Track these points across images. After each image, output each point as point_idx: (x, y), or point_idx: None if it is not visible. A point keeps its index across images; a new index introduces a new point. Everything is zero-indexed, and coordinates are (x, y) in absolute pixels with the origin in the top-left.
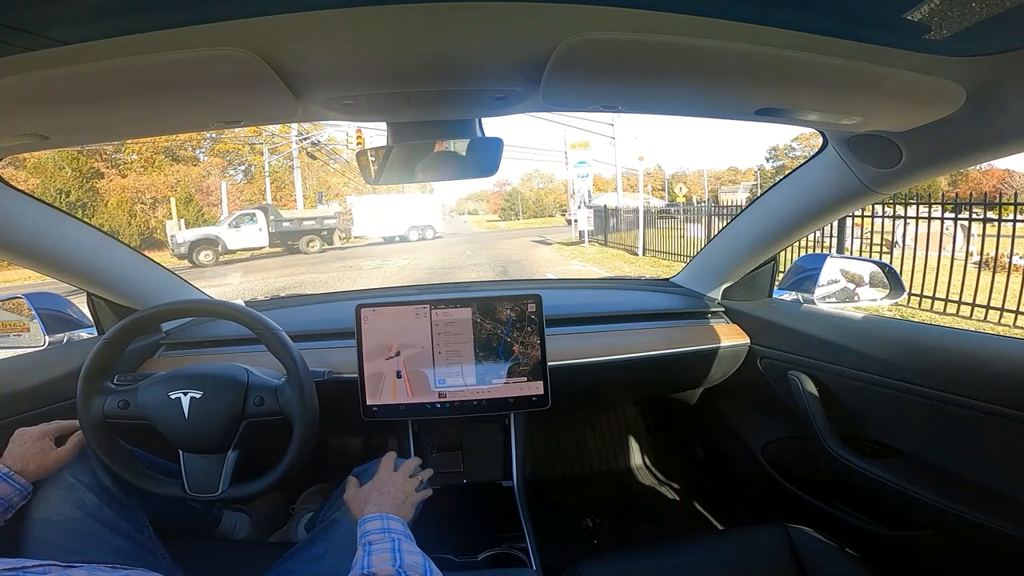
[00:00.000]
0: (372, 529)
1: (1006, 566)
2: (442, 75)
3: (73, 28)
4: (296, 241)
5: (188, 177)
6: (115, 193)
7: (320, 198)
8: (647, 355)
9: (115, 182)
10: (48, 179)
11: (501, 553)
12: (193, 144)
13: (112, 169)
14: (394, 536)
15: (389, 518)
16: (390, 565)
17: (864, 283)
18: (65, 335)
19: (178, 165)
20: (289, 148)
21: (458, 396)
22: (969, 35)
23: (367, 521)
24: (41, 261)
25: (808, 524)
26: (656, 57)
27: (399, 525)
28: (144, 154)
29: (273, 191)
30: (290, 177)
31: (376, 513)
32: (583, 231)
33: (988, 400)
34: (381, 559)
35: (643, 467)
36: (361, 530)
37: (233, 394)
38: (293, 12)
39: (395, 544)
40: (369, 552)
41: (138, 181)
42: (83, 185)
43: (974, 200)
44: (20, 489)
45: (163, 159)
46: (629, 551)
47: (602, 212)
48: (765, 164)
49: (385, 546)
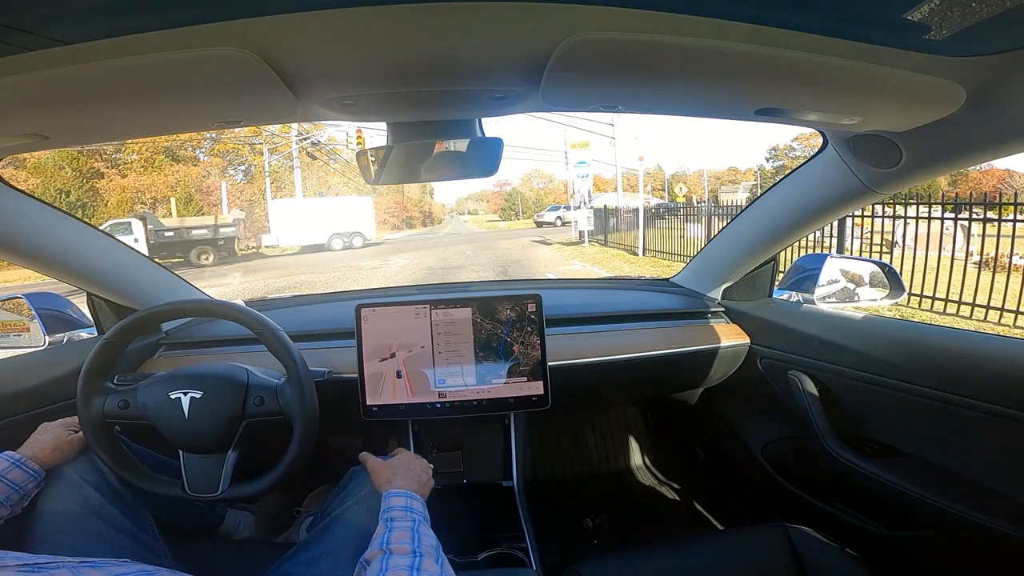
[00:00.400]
0: (396, 506)
1: (1006, 566)
2: (442, 75)
3: (73, 28)
4: (186, 253)
5: (188, 177)
6: (115, 193)
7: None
8: (647, 355)
9: (115, 182)
10: (48, 179)
11: (501, 553)
12: (193, 144)
13: (112, 169)
14: (415, 516)
15: (413, 497)
16: (407, 544)
17: (864, 283)
18: (65, 335)
19: (178, 165)
20: (289, 148)
21: (458, 396)
22: (969, 35)
23: (392, 496)
24: (41, 261)
25: (808, 524)
26: (656, 57)
27: (421, 506)
28: (144, 154)
29: (274, 191)
30: (290, 177)
31: (402, 490)
32: (583, 231)
33: (988, 400)
34: (400, 536)
35: (643, 467)
36: (385, 504)
37: (233, 394)
38: (293, 12)
39: (415, 524)
40: (390, 528)
41: (138, 181)
42: (83, 185)
43: (974, 200)
44: (33, 475)
45: (163, 159)
46: (629, 551)
47: (602, 212)
48: (765, 164)
49: (406, 524)
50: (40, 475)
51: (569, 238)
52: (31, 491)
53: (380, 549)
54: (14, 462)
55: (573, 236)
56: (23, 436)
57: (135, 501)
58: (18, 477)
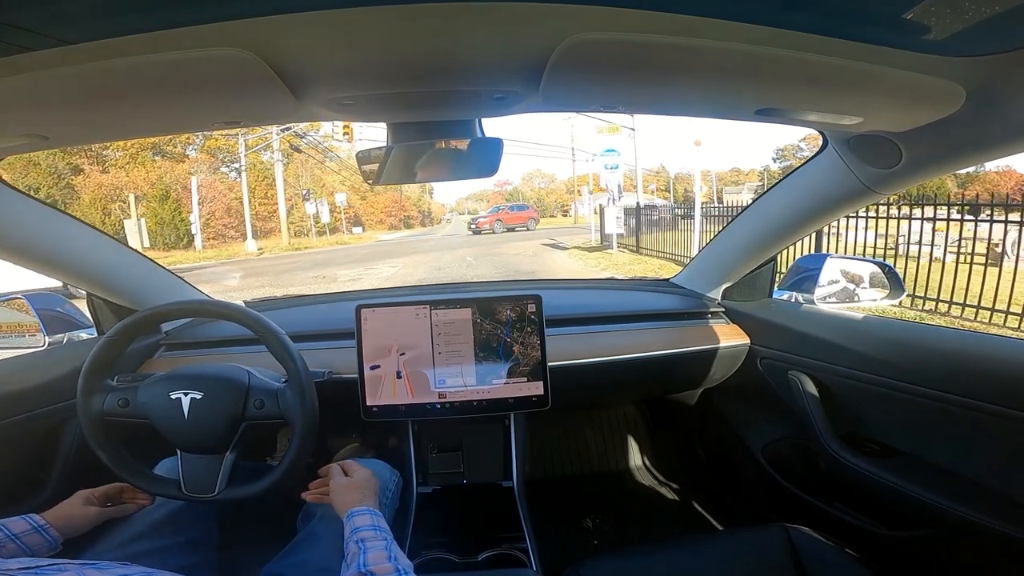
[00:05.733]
0: (363, 525)
1: (1006, 566)
2: (442, 75)
3: (73, 28)
4: None
5: (172, 173)
6: (90, 190)
7: (307, 195)
8: (647, 355)
9: (92, 178)
10: (18, 175)
11: (501, 554)
12: (184, 141)
13: (95, 166)
14: (385, 535)
15: (376, 514)
16: (388, 563)
17: (864, 283)
18: (65, 335)
19: (161, 161)
20: (270, 140)
21: (458, 396)
22: (969, 35)
23: (356, 515)
24: (42, 261)
25: (808, 524)
26: (656, 58)
27: (386, 523)
28: (130, 150)
29: (263, 189)
30: (283, 175)
31: (363, 507)
32: (611, 234)
33: (988, 400)
34: (377, 557)
35: (643, 467)
36: (350, 525)
37: (234, 396)
38: (293, 12)
39: (388, 543)
40: (364, 550)
41: (116, 178)
42: (59, 182)
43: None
44: (50, 542)
45: (148, 155)
46: (629, 551)
47: (635, 210)
48: (772, 165)
49: (379, 544)
50: (56, 543)
51: (587, 241)
52: (42, 556)
53: (360, 572)
54: (36, 527)
55: (592, 239)
56: (23, 436)
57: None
58: (34, 541)
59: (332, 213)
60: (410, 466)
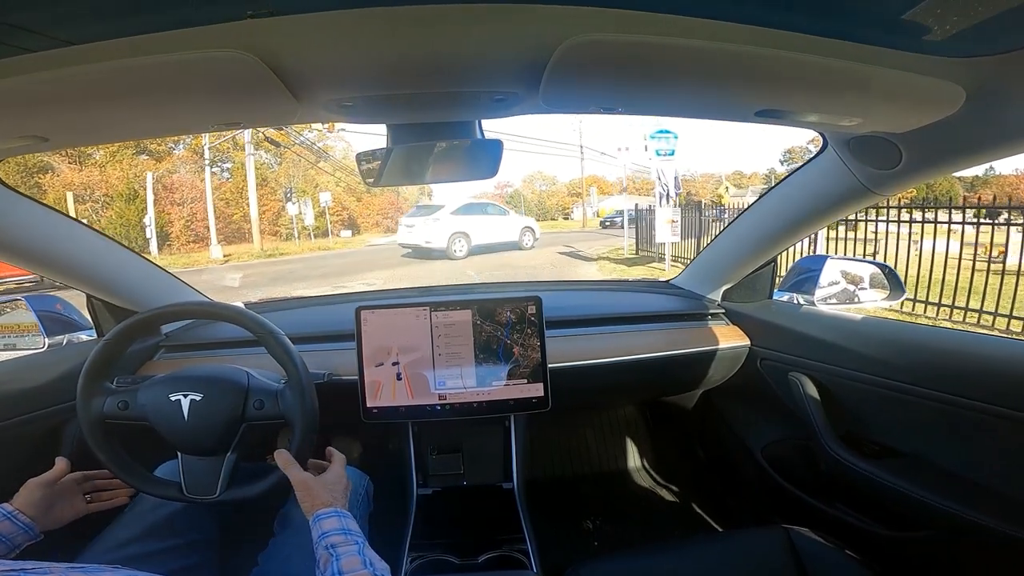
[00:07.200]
0: (330, 529)
1: (1006, 566)
2: (442, 77)
3: (74, 29)
4: None
5: (151, 171)
6: (56, 189)
7: (288, 195)
8: (647, 357)
9: (62, 177)
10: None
11: (501, 555)
12: (171, 138)
13: (74, 164)
14: (357, 539)
15: (345, 515)
16: (364, 569)
17: (864, 284)
18: (65, 337)
19: (141, 158)
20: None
21: (458, 398)
22: (969, 36)
23: (323, 518)
24: (41, 263)
25: (809, 525)
26: (656, 59)
27: (356, 525)
28: (110, 147)
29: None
30: (273, 174)
31: (330, 509)
32: (663, 243)
33: (988, 400)
34: (351, 563)
35: (643, 468)
36: (318, 528)
37: (234, 397)
38: (293, 14)
39: (360, 547)
40: (336, 556)
41: (88, 176)
42: (27, 181)
43: None
44: (23, 528)
45: (128, 152)
46: (629, 553)
47: (696, 210)
48: (778, 167)
49: (351, 548)
50: (32, 530)
51: (615, 248)
52: (21, 543)
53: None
54: (4, 514)
55: (625, 248)
56: (23, 437)
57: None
58: (6, 529)
59: (318, 214)
60: (410, 468)
